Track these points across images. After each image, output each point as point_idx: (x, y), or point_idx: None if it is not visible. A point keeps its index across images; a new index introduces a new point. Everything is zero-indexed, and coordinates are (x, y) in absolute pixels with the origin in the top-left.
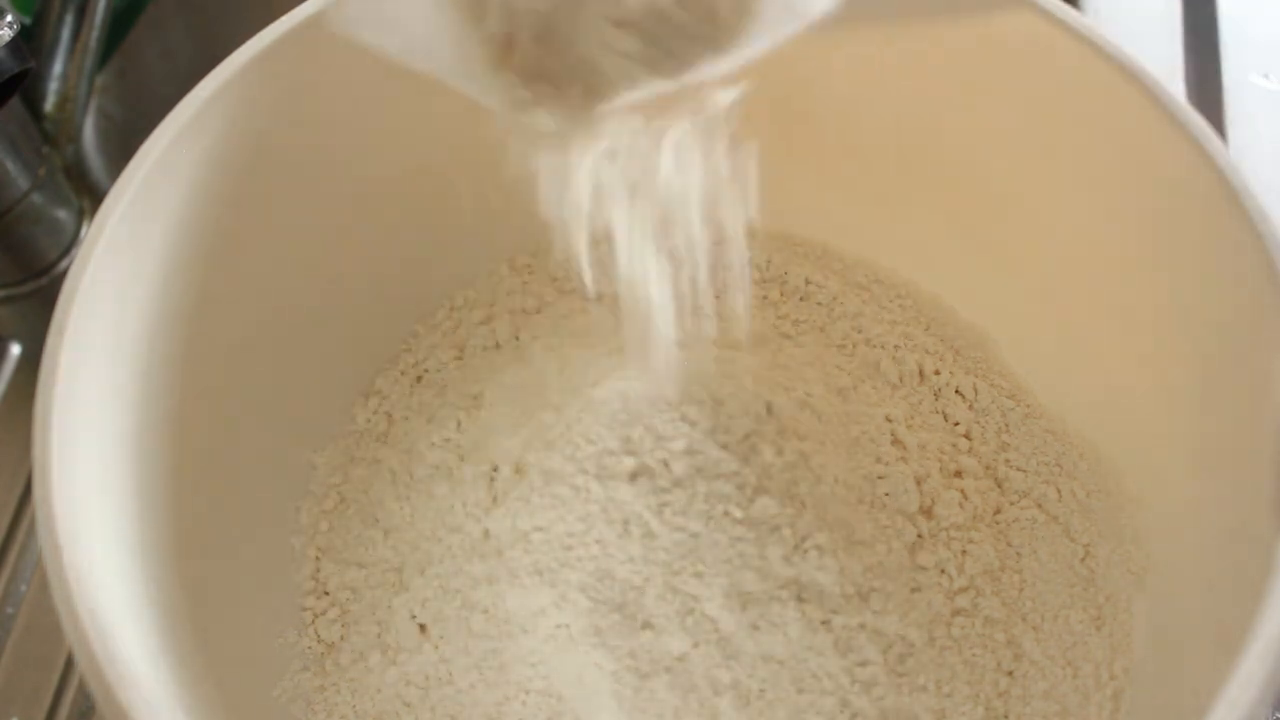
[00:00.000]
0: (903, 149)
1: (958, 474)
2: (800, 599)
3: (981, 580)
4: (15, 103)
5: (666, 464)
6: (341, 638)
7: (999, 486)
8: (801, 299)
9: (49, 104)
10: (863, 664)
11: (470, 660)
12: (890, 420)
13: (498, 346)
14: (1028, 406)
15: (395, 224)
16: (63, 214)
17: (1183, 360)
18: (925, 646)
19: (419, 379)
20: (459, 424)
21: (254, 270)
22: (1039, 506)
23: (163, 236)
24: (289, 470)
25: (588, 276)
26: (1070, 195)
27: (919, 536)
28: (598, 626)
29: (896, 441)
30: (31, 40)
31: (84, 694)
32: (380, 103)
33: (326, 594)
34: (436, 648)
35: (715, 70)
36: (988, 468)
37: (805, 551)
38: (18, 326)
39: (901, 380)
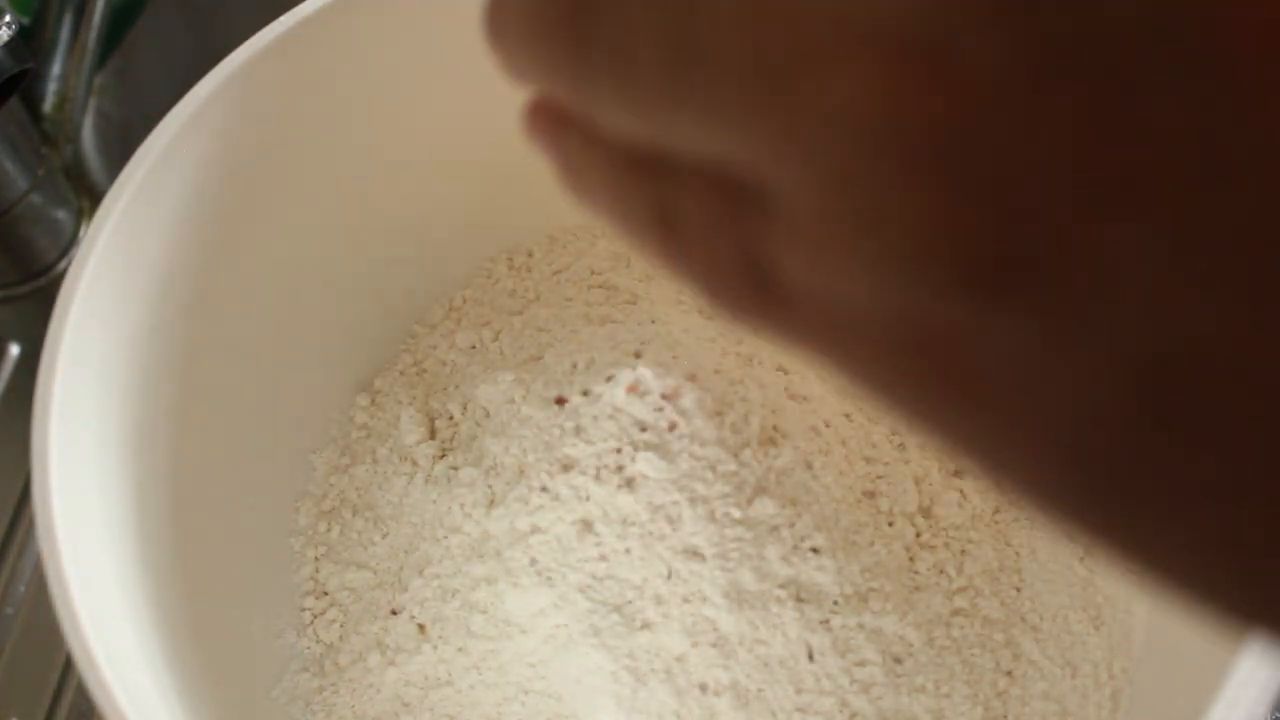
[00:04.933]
0: None
1: (957, 474)
2: (799, 599)
3: (980, 580)
4: (14, 103)
5: (665, 464)
6: (340, 638)
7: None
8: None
9: (48, 104)
10: (861, 664)
11: (469, 661)
12: (889, 420)
13: (497, 346)
14: None
15: (393, 224)
16: (62, 214)
17: None
18: (924, 647)
19: (417, 379)
20: (458, 424)
21: (252, 270)
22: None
23: (161, 237)
24: (288, 470)
25: None
26: None
27: (918, 537)
28: (596, 627)
29: (895, 442)
30: (30, 40)
31: (84, 694)
32: (378, 102)
33: (326, 594)
34: (436, 648)
35: None
36: None
37: (804, 552)
38: (17, 327)
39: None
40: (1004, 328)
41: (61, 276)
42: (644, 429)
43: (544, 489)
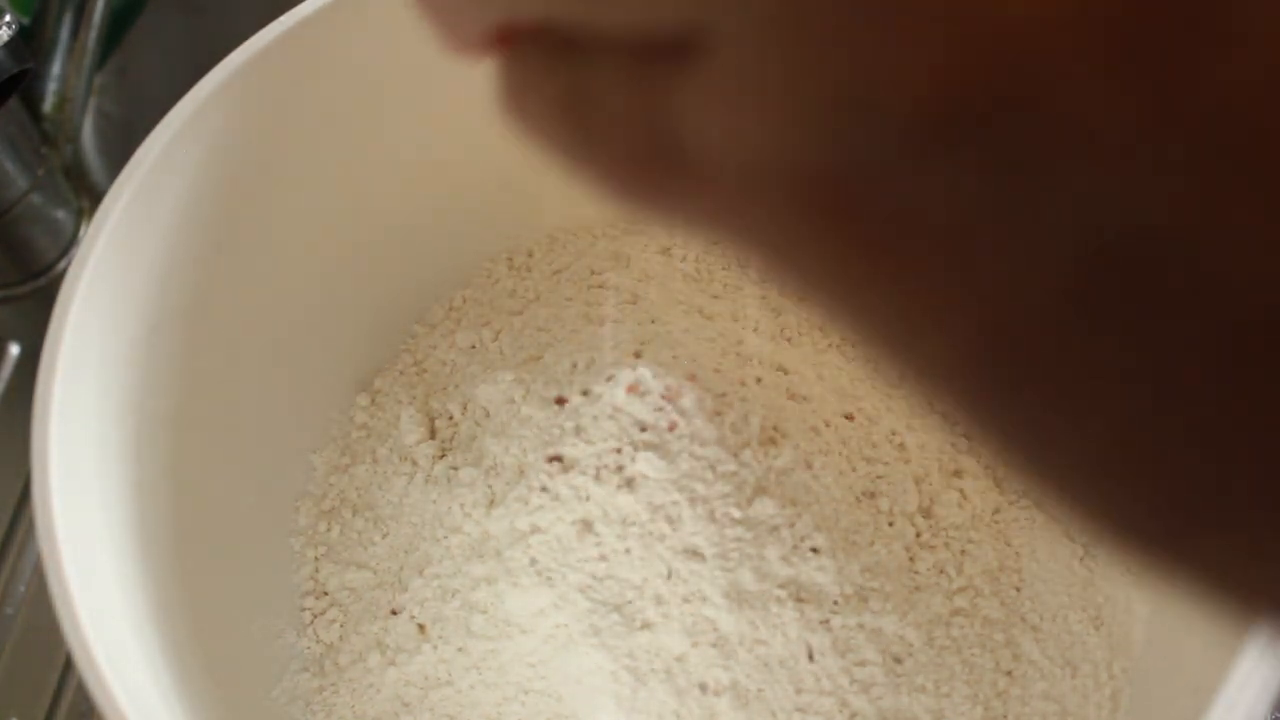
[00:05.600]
0: None
1: (957, 474)
2: (799, 599)
3: (980, 580)
4: (14, 103)
5: (665, 464)
6: (340, 638)
7: (998, 486)
8: (800, 299)
9: (48, 104)
10: (861, 664)
11: (469, 661)
12: (890, 420)
13: (497, 346)
14: None
15: (393, 224)
16: (62, 214)
17: None
18: (924, 647)
19: (417, 379)
20: (458, 424)
21: (252, 270)
22: (1038, 506)
23: (161, 237)
24: (288, 470)
25: None
26: None
27: (918, 537)
28: (596, 627)
29: (896, 441)
30: (30, 40)
31: (83, 694)
32: (378, 102)
33: (326, 594)
34: (436, 648)
35: None
36: (987, 467)
37: (804, 552)
38: (17, 326)
39: (901, 379)
40: (953, 186)
41: (61, 276)
42: (644, 429)
43: (544, 489)
